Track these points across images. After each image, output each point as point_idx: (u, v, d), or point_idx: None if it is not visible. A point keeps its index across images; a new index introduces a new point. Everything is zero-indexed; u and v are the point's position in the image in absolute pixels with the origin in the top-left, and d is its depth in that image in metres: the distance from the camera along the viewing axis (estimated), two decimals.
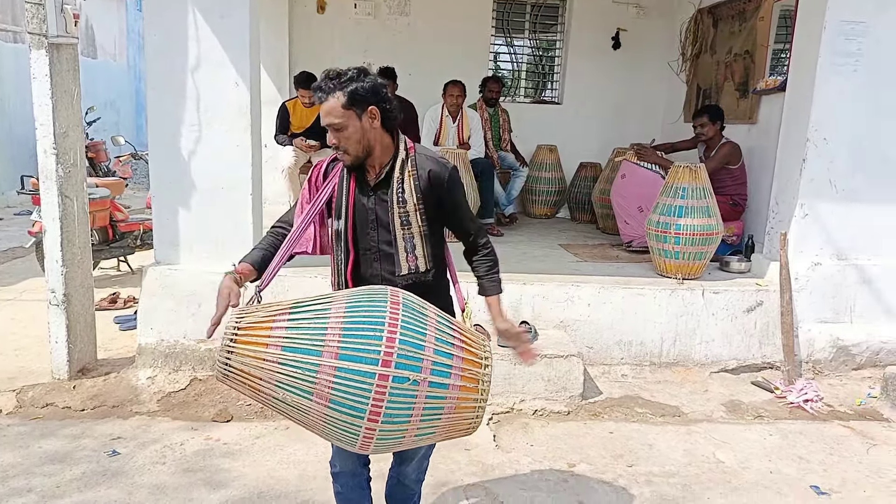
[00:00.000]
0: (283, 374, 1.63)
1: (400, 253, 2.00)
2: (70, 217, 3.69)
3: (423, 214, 1.99)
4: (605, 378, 4.02)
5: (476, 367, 1.74)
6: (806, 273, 4.16)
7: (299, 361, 1.63)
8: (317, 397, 1.62)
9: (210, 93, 3.69)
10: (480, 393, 1.74)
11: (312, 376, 1.62)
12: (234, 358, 1.65)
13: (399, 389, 1.62)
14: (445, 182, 2.01)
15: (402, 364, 1.63)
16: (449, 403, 1.70)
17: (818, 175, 4.11)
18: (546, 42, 7.42)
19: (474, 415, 1.76)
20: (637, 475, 3.02)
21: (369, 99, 1.90)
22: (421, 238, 2.01)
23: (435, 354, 1.68)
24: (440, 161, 2.04)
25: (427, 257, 2.03)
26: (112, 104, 13.41)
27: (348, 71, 1.91)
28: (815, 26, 4.02)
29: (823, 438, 3.44)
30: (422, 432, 1.72)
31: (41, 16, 3.43)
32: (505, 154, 6.22)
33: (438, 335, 1.72)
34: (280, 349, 1.64)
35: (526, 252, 5.00)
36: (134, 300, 4.98)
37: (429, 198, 2.00)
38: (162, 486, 2.81)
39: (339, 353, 1.62)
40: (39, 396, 3.56)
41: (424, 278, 2.03)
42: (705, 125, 5.00)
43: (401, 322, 1.67)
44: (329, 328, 1.65)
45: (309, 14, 6.66)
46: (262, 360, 1.64)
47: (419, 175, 1.98)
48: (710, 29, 6.04)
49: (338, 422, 1.64)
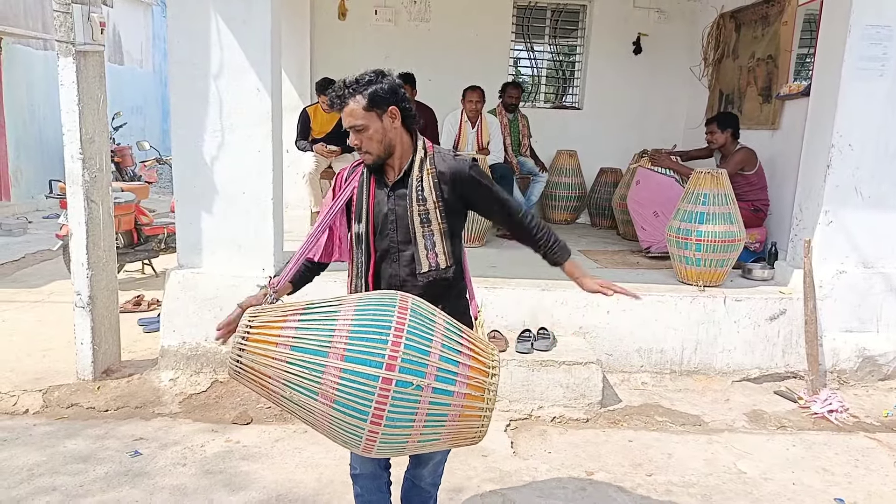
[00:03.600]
0: (290, 372, 1.66)
1: (420, 251, 2.00)
2: (96, 221, 3.76)
3: (442, 212, 2.00)
4: (624, 386, 3.98)
5: (483, 376, 1.74)
6: (831, 281, 4.09)
7: (306, 361, 1.65)
8: (322, 397, 1.64)
9: (232, 98, 3.74)
10: (486, 402, 1.74)
11: (318, 377, 1.64)
12: (245, 355, 1.69)
13: (402, 394, 1.63)
14: (467, 175, 2.02)
15: (406, 368, 1.64)
16: (453, 410, 1.70)
17: (843, 181, 4.05)
18: (566, 47, 7.41)
19: (480, 423, 1.76)
20: (656, 484, 2.99)
21: (389, 99, 1.93)
22: (441, 235, 2.01)
23: (440, 361, 1.68)
24: (458, 158, 2.06)
25: (447, 254, 2.03)
26: (138, 110, 13.67)
27: (365, 74, 1.94)
28: (839, 30, 3.96)
29: (848, 450, 3.37)
30: (425, 438, 1.73)
31: (69, 24, 3.51)
32: (524, 159, 6.21)
33: (445, 342, 1.72)
34: (289, 348, 1.67)
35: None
36: (158, 303, 5.05)
37: (450, 195, 2.01)
38: (183, 487, 2.85)
39: (345, 355, 1.64)
40: (65, 397, 3.63)
41: (445, 275, 2.03)
42: (714, 133, 4.98)
43: (407, 327, 1.68)
44: (337, 330, 1.68)
45: (330, 20, 6.72)
46: (272, 358, 1.67)
47: (438, 172, 2.00)
48: (733, 33, 5.98)
49: (342, 423, 1.66)
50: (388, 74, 1.97)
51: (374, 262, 2.04)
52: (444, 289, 2.03)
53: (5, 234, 7.88)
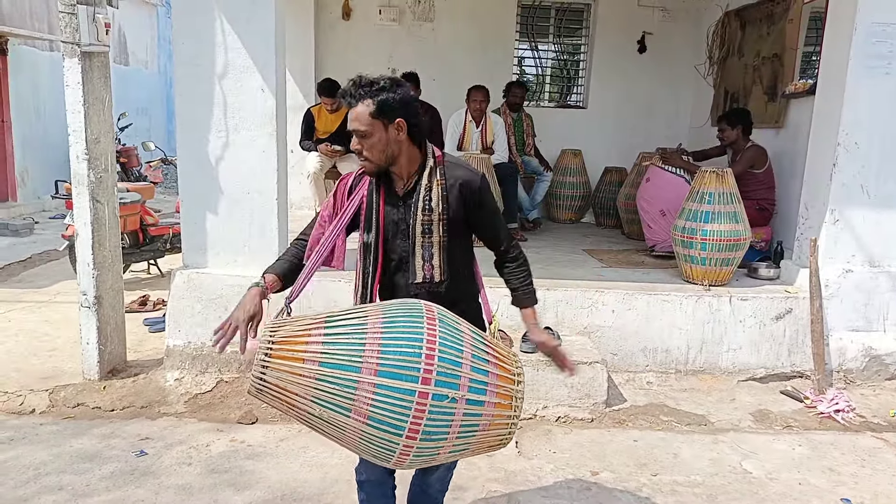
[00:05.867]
0: (321, 390, 1.60)
1: (417, 261, 1.99)
2: (101, 221, 3.77)
3: (445, 225, 1.97)
4: (629, 385, 3.97)
5: (510, 384, 1.72)
6: (837, 280, 4.07)
7: (338, 378, 1.59)
8: (355, 414, 1.60)
9: (237, 99, 3.75)
10: (514, 409, 1.72)
11: (351, 393, 1.59)
12: (269, 372, 1.62)
13: (438, 407, 1.60)
14: (477, 190, 2.00)
15: (442, 382, 1.60)
16: (485, 420, 1.68)
17: (849, 180, 4.02)
18: (571, 46, 7.39)
19: (507, 431, 1.74)
20: (661, 484, 2.99)
21: (398, 111, 1.88)
22: (439, 248, 1.99)
23: (472, 371, 1.65)
24: (470, 169, 2.04)
25: (442, 268, 2.00)
26: (144, 110, 13.72)
27: (381, 80, 1.88)
28: (845, 28, 3.94)
29: (855, 450, 3.36)
30: (456, 448, 1.71)
31: (74, 25, 3.52)
32: (528, 159, 6.21)
33: (475, 352, 1.69)
34: (317, 364, 1.61)
35: (550, 257, 4.98)
36: (163, 303, 5.06)
37: (457, 207, 1.99)
38: (188, 486, 2.85)
39: (378, 370, 1.59)
40: (71, 396, 3.64)
41: (437, 289, 2.01)
42: (724, 130, 4.99)
43: (438, 338, 1.64)
44: (367, 344, 1.62)
45: (334, 20, 6.73)
46: (299, 375, 1.61)
47: (448, 184, 1.97)
48: (738, 32, 5.96)
49: (376, 438, 1.62)
50: (404, 85, 1.91)
51: (381, 271, 2.03)
52: (443, 300, 1.98)
53: (12, 234, 7.91)
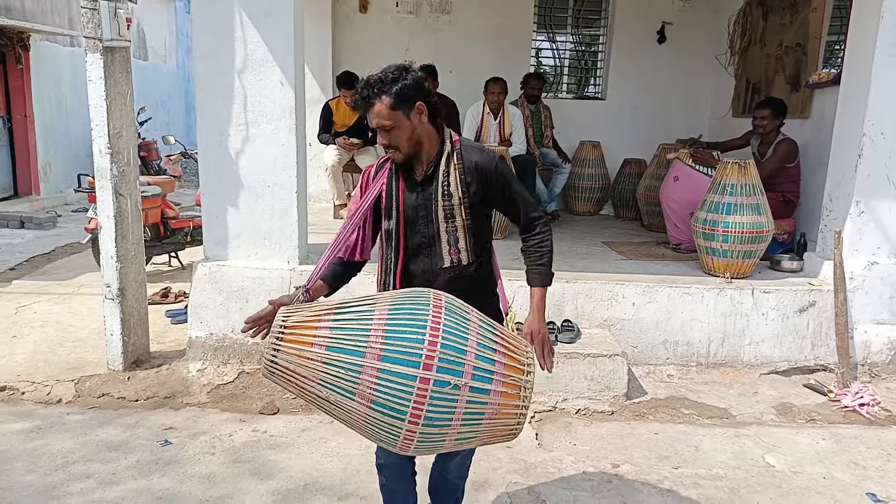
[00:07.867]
0: (327, 373, 1.65)
1: (443, 245, 2.01)
2: (124, 214, 3.82)
3: (467, 207, 1.99)
4: (650, 378, 3.95)
5: (518, 374, 1.73)
6: (862, 272, 4.01)
7: (343, 362, 1.64)
8: (359, 397, 1.64)
9: (256, 93, 3.77)
10: (522, 400, 1.73)
11: (355, 377, 1.64)
12: (280, 356, 1.68)
13: (440, 393, 1.63)
14: (494, 168, 2.01)
15: (444, 368, 1.63)
16: (490, 409, 1.69)
17: (875, 171, 3.95)
18: (589, 37, 7.34)
19: (515, 421, 1.75)
20: (683, 477, 2.97)
21: (415, 96, 1.91)
22: (464, 231, 2.01)
23: (476, 360, 1.67)
24: (486, 151, 2.06)
25: (469, 251, 2.03)
26: (163, 105, 13.85)
27: (386, 73, 1.89)
28: (871, 16, 3.86)
29: (880, 444, 3.31)
30: (462, 436, 1.72)
31: (96, 20, 3.56)
32: (547, 151, 6.18)
33: (480, 340, 1.71)
34: (324, 349, 1.66)
35: (569, 250, 4.96)
36: (184, 295, 5.12)
37: (476, 188, 2.00)
38: (212, 475, 2.89)
39: (382, 355, 1.63)
40: (96, 387, 3.70)
41: (466, 272, 2.03)
42: (766, 118, 4.71)
43: (443, 325, 1.67)
44: (372, 330, 1.67)
45: (351, 13, 6.74)
46: (308, 358, 1.66)
47: (465, 168, 1.99)
48: (760, 21, 5.87)
49: (379, 422, 1.65)
50: (411, 69, 1.93)
51: (403, 258, 2.04)
52: (473, 283, 2.02)
53: (35, 227, 8.04)
